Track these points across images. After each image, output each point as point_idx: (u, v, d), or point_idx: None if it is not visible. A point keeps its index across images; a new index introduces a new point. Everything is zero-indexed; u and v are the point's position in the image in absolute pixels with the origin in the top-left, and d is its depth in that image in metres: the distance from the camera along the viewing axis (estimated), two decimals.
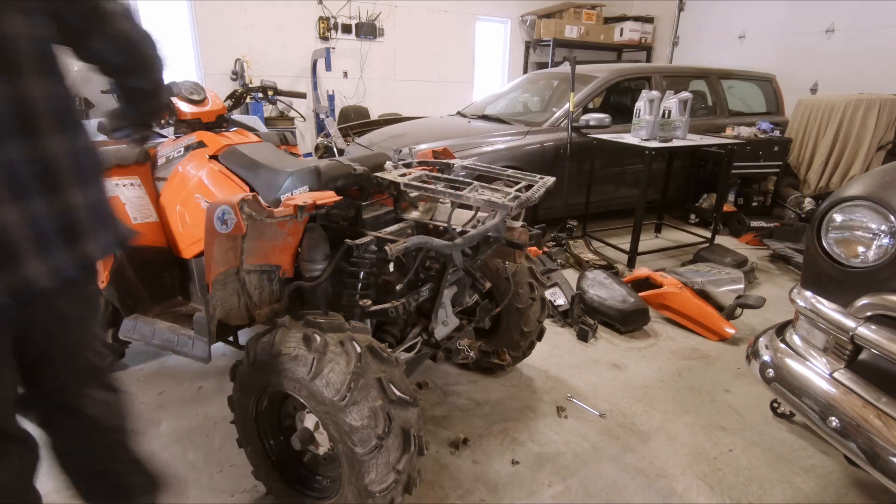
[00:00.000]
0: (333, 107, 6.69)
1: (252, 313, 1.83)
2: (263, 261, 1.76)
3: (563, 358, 2.63)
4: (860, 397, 1.37)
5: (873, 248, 1.46)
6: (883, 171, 1.60)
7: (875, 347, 1.35)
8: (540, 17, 7.62)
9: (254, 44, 6.14)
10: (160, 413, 2.15)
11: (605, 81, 4.42)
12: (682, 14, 7.68)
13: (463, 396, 2.29)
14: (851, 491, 1.81)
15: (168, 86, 2.10)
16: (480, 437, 2.02)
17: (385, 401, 1.34)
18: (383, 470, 1.34)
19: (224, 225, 1.49)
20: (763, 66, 5.83)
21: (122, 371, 2.44)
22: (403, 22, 7.06)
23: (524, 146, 3.98)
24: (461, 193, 1.48)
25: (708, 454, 1.96)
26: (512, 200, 1.47)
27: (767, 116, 5.29)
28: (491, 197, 1.47)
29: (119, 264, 2.01)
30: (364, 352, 1.37)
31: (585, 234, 4.25)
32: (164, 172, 2.15)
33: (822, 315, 1.51)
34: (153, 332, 1.97)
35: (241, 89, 2.51)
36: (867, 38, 5.73)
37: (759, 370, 1.65)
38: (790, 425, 2.14)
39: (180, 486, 1.75)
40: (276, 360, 1.38)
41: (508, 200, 1.46)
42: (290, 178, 1.82)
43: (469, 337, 1.95)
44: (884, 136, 4.75)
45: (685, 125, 3.84)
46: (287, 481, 1.61)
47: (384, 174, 1.72)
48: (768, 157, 4.71)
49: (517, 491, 1.78)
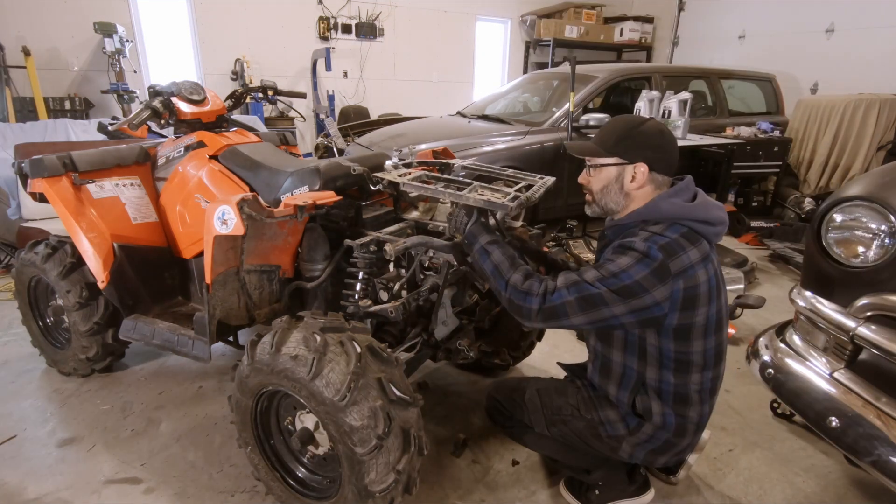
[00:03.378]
0: (333, 107, 6.70)
1: (252, 313, 1.83)
2: (263, 261, 1.76)
3: (564, 358, 2.62)
4: (860, 397, 1.37)
5: (873, 248, 1.46)
6: (883, 171, 1.60)
7: (875, 347, 1.35)
8: (540, 17, 7.62)
9: (254, 44, 6.14)
10: (160, 413, 2.15)
11: (605, 81, 4.42)
12: (682, 14, 7.68)
13: (463, 396, 2.29)
14: (851, 491, 1.81)
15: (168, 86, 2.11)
16: (480, 437, 2.02)
17: (385, 401, 1.34)
18: (383, 470, 1.34)
19: (224, 225, 1.49)
20: (763, 66, 5.83)
21: (122, 371, 2.44)
22: (403, 22, 7.06)
23: (524, 146, 3.98)
24: (461, 194, 1.48)
25: (708, 454, 1.96)
26: (511, 200, 1.47)
27: (767, 116, 5.29)
28: (490, 197, 1.47)
29: (119, 264, 2.01)
30: (364, 352, 1.37)
31: (585, 234, 4.24)
32: (164, 172, 2.15)
33: (822, 315, 1.51)
34: (153, 332, 1.97)
35: (241, 89, 2.51)
36: (867, 38, 5.73)
37: (759, 370, 1.65)
38: (790, 425, 2.14)
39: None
40: (275, 360, 1.38)
41: (508, 201, 1.46)
42: (290, 178, 1.82)
43: (469, 337, 1.95)
44: (884, 136, 4.75)
45: (685, 125, 3.84)
46: (287, 481, 1.60)
47: (383, 174, 1.72)
48: (768, 157, 4.71)
49: (517, 491, 1.78)
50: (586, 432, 1.48)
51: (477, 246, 1.42)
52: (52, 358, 2.39)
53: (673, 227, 1.29)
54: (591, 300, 1.23)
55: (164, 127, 2.20)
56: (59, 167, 1.97)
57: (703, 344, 1.32)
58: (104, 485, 1.77)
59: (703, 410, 1.40)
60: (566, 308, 1.25)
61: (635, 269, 1.22)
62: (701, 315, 1.29)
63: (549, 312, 1.26)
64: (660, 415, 1.38)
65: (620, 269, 1.24)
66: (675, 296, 1.25)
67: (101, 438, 1.99)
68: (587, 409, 1.48)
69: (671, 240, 1.26)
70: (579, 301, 1.24)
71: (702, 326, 1.31)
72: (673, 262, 1.23)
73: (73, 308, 2.12)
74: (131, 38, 5.30)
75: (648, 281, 1.22)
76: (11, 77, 4.85)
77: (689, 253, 1.26)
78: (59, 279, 2.10)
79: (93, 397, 2.24)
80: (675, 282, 1.24)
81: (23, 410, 2.15)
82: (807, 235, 1.66)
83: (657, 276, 1.22)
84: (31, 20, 4.96)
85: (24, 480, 1.78)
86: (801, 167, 5.17)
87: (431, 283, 1.74)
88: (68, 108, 5.06)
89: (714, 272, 1.31)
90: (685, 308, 1.27)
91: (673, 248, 1.25)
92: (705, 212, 1.30)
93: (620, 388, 1.42)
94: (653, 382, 1.37)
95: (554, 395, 1.55)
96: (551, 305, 1.25)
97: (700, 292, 1.27)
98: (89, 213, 2.01)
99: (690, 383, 1.36)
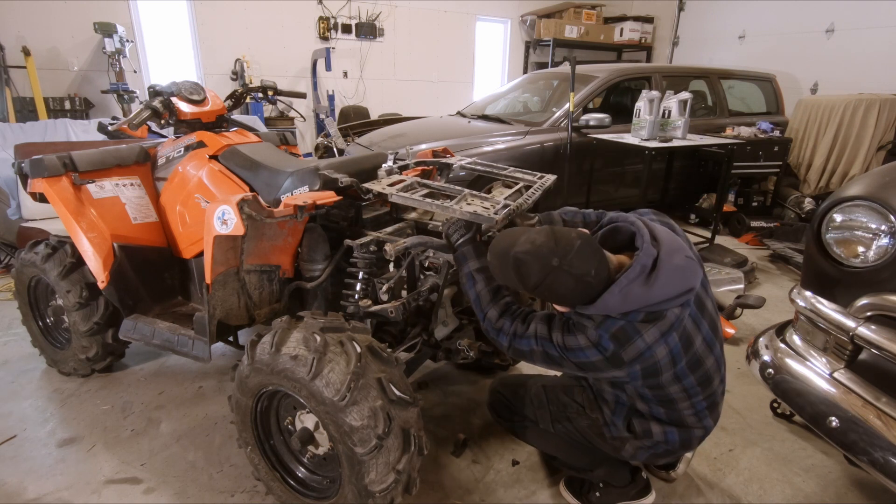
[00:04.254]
0: (333, 107, 6.70)
1: (252, 313, 1.83)
2: (263, 261, 1.76)
3: None
4: (860, 397, 1.37)
5: (873, 248, 1.46)
6: (883, 171, 1.60)
7: (875, 347, 1.35)
8: (540, 17, 7.62)
9: (254, 44, 6.14)
10: (160, 413, 2.15)
11: (605, 81, 4.41)
12: (682, 14, 7.68)
13: (463, 396, 2.29)
14: (851, 491, 1.81)
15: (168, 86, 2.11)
16: (480, 437, 2.02)
17: (385, 401, 1.34)
18: (383, 470, 1.34)
19: (224, 225, 1.49)
20: (763, 66, 5.83)
21: (122, 371, 2.44)
22: (403, 22, 7.06)
23: (524, 146, 3.97)
24: (448, 205, 1.49)
25: (708, 454, 1.96)
26: (502, 209, 1.47)
27: (767, 116, 5.29)
28: (478, 208, 1.47)
29: (119, 264, 2.01)
30: (364, 352, 1.37)
31: None
32: (164, 172, 2.15)
33: (822, 315, 1.51)
34: (153, 332, 1.97)
35: (241, 89, 2.51)
36: (867, 38, 5.72)
37: (759, 370, 1.65)
38: (790, 425, 2.14)
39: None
40: (275, 360, 1.38)
41: (497, 211, 1.46)
42: (290, 178, 1.82)
43: (469, 337, 1.95)
44: (884, 136, 4.75)
45: (685, 125, 3.83)
46: (287, 481, 1.60)
47: (372, 184, 1.70)
48: (768, 157, 4.71)
49: (517, 491, 1.78)
50: (590, 431, 1.49)
51: (465, 269, 1.46)
52: (52, 358, 2.39)
53: (630, 314, 1.20)
54: (554, 360, 1.28)
55: (164, 127, 2.20)
56: (59, 167, 1.97)
57: (680, 386, 1.31)
58: (104, 485, 1.77)
59: (706, 425, 1.41)
60: (532, 356, 1.32)
61: (590, 353, 1.22)
62: (667, 375, 1.27)
63: (516, 352, 1.34)
64: (661, 433, 1.39)
65: (578, 347, 1.23)
66: (634, 374, 1.25)
67: (101, 438, 1.99)
68: (592, 408, 1.50)
69: (623, 324, 1.19)
70: (542, 355, 1.29)
71: (671, 379, 1.28)
72: (626, 350, 1.19)
73: (73, 308, 2.12)
74: (131, 38, 5.30)
75: (604, 364, 1.23)
76: (11, 77, 4.85)
77: (644, 336, 1.19)
78: (59, 279, 2.10)
79: (93, 397, 2.24)
80: (631, 366, 1.22)
81: (23, 410, 2.16)
82: (807, 235, 1.65)
83: (611, 363, 1.22)
84: (31, 20, 4.96)
85: (24, 480, 1.78)
86: (801, 167, 5.17)
87: (431, 283, 1.74)
88: (68, 108, 5.07)
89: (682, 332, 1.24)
90: (647, 377, 1.26)
91: (626, 335, 1.19)
92: (662, 291, 1.18)
93: (615, 415, 1.45)
94: (644, 411, 1.40)
95: (560, 392, 1.57)
96: (518, 349, 1.32)
97: (661, 365, 1.24)
98: (89, 213, 2.01)
99: (682, 410, 1.36)
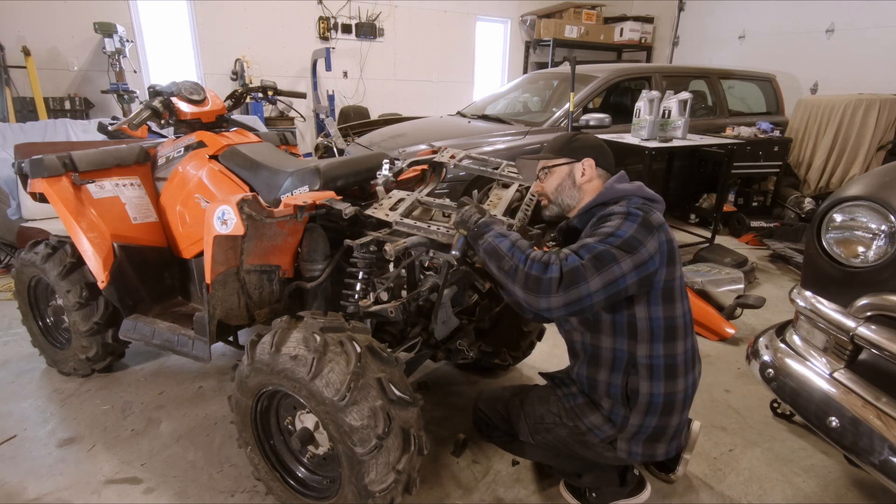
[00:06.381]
0: (333, 107, 6.70)
1: (252, 313, 1.83)
2: (263, 261, 1.76)
3: (564, 358, 2.59)
4: (860, 397, 1.37)
5: (873, 248, 1.46)
6: (883, 171, 1.60)
7: (875, 347, 1.35)
8: (540, 17, 7.62)
9: (254, 44, 6.14)
10: (160, 413, 2.15)
11: (605, 81, 4.42)
12: (682, 14, 7.68)
13: (463, 396, 2.29)
14: (851, 491, 1.81)
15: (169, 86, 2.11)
16: (480, 438, 2.02)
17: (385, 401, 1.34)
18: (383, 470, 1.34)
19: (224, 225, 1.49)
20: (763, 66, 5.83)
21: (122, 371, 2.44)
22: (403, 22, 7.06)
23: (524, 146, 3.97)
24: (445, 228, 1.56)
25: (708, 454, 1.96)
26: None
27: (767, 116, 5.29)
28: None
29: (119, 264, 2.01)
30: (364, 352, 1.37)
31: None
32: (164, 172, 2.15)
33: (822, 315, 1.51)
34: (153, 332, 1.97)
35: (241, 89, 2.51)
36: (867, 38, 5.72)
37: (759, 370, 1.65)
38: (790, 425, 2.14)
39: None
40: (275, 360, 1.38)
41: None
42: (290, 178, 1.83)
43: (469, 337, 1.95)
44: (884, 136, 4.75)
45: (685, 125, 3.84)
46: (287, 481, 1.60)
47: (375, 211, 1.70)
48: (768, 157, 4.71)
49: (517, 491, 1.77)
50: (570, 439, 1.51)
51: (492, 232, 1.43)
52: (52, 358, 2.39)
53: (632, 199, 1.45)
54: (602, 257, 1.29)
55: (164, 127, 2.20)
56: (59, 167, 1.97)
57: (682, 307, 1.44)
58: (104, 485, 1.77)
59: (687, 381, 1.46)
60: (584, 271, 1.28)
61: (626, 227, 1.33)
62: (679, 272, 1.42)
63: (569, 278, 1.27)
64: (647, 395, 1.41)
65: (615, 229, 1.33)
66: (662, 248, 1.36)
67: (101, 438, 1.99)
68: (570, 417, 1.51)
69: (640, 203, 1.43)
70: (593, 260, 1.28)
71: (679, 287, 1.43)
72: (651, 216, 1.37)
73: (73, 308, 2.12)
74: (131, 38, 5.30)
75: (640, 233, 1.32)
76: (11, 77, 4.85)
77: (655, 213, 1.41)
78: (59, 279, 2.10)
79: (93, 397, 2.24)
80: (659, 234, 1.36)
81: (23, 410, 2.16)
82: (807, 235, 1.65)
83: (645, 229, 1.33)
84: (31, 20, 4.96)
85: (24, 480, 1.79)
86: (800, 167, 5.17)
87: (431, 283, 1.73)
88: (68, 108, 5.07)
89: (668, 241, 1.43)
90: (669, 263, 1.38)
91: (646, 207, 1.41)
92: (650, 191, 1.50)
93: (613, 373, 1.45)
94: (644, 359, 1.41)
95: (536, 403, 1.59)
96: (570, 268, 1.28)
97: (674, 246, 1.42)
98: (89, 213, 2.01)
99: (678, 353, 1.42)
